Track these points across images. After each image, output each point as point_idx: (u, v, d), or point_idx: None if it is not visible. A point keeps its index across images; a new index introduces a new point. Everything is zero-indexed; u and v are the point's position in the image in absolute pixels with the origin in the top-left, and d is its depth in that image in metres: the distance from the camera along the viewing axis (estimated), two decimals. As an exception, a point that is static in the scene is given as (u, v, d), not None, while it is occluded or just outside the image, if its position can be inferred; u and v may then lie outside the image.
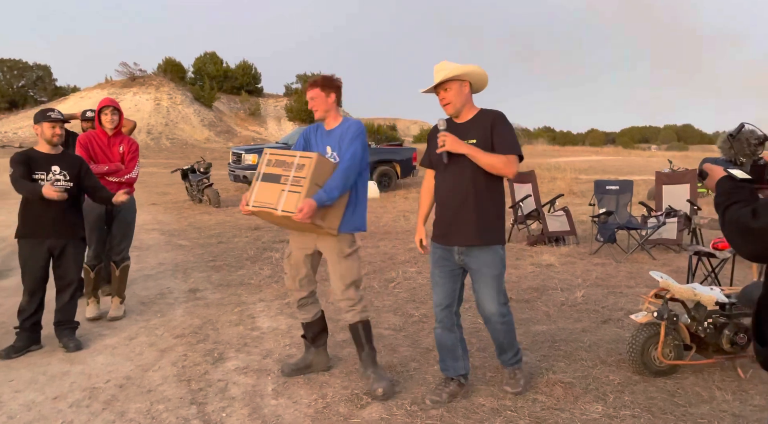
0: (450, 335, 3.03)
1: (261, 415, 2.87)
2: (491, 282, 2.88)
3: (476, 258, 2.86)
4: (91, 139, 4.36)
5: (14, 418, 2.83)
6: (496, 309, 2.91)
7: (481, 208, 2.83)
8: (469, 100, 2.90)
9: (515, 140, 2.81)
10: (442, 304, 3.00)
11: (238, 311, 4.57)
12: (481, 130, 2.81)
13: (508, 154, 2.75)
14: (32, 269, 3.63)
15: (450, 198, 2.89)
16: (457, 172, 2.84)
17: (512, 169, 2.77)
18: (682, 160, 25.22)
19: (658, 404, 2.97)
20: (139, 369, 3.43)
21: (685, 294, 3.35)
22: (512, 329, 3.06)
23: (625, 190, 7.63)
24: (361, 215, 3.19)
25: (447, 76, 2.79)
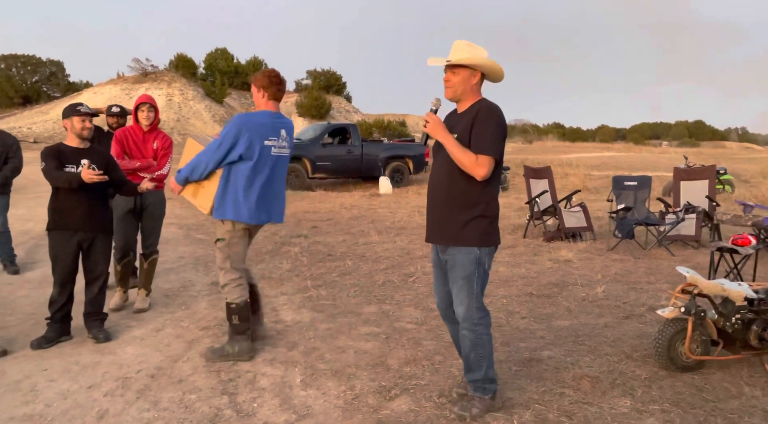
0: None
1: (291, 405, 2.90)
2: (461, 283, 2.68)
3: (451, 257, 2.70)
4: (126, 135, 4.42)
5: (51, 406, 2.88)
6: (464, 313, 2.69)
7: (455, 205, 2.64)
8: (475, 90, 2.68)
9: (494, 140, 2.54)
10: (441, 306, 2.93)
11: (261, 304, 4.61)
12: (465, 121, 2.61)
13: (480, 154, 2.52)
14: (63, 261, 3.68)
15: (432, 192, 2.78)
16: (439, 165, 2.71)
17: (481, 172, 2.52)
18: (696, 156, 25.05)
19: (686, 399, 2.98)
20: (168, 360, 3.48)
21: (714, 289, 3.35)
22: (483, 346, 2.72)
23: (643, 186, 7.59)
24: (233, 205, 3.29)
25: (460, 61, 2.59)
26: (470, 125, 2.57)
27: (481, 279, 2.69)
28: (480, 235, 2.64)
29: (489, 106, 2.61)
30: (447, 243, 2.70)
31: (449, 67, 2.64)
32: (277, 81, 3.45)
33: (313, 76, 46.75)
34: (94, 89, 40.06)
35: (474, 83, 2.66)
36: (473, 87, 2.67)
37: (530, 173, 8.50)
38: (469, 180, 2.60)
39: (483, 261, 2.67)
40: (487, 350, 2.74)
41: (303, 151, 13.68)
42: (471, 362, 2.76)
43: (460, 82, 2.64)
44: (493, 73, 2.69)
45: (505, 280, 5.40)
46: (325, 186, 13.88)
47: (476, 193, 2.63)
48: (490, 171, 2.55)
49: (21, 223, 8.07)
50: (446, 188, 2.66)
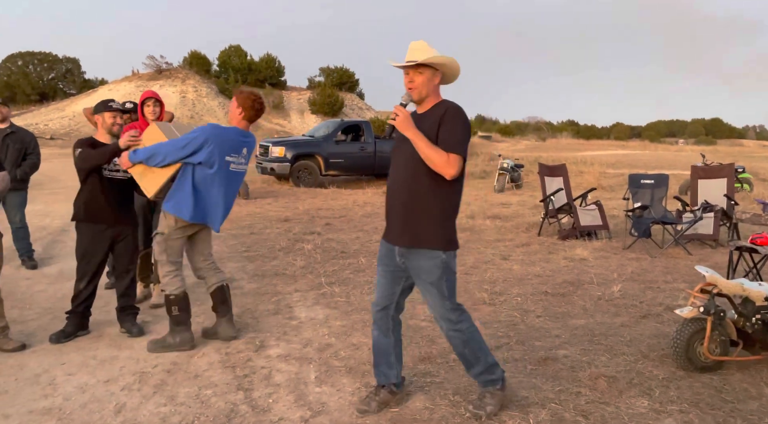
0: (384, 339, 2.81)
1: (306, 402, 2.91)
2: (430, 289, 2.61)
3: (413, 261, 2.61)
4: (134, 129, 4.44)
5: (70, 399, 2.91)
6: (441, 316, 2.66)
7: (418, 204, 2.56)
8: (436, 91, 2.64)
9: (462, 139, 2.51)
10: (379, 305, 2.79)
11: (275, 301, 4.63)
12: (430, 122, 2.55)
13: (450, 153, 2.47)
14: (95, 255, 3.71)
15: (395, 190, 2.65)
16: (405, 160, 2.59)
17: (451, 170, 2.46)
18: (713, 154, 24.70)
19: (705, 399, 2.94)
20: (184, 355, 3.50)
21: (734, 289, 3.30)
22: (473, 339, 2.70)
23: (660, 184, 7.50)
24: (182, 203, 3.43)
25: (422, 60, 2.53)
26: (437, 125, 2.51)
27: (449, 281, 2.63)
28: (446, 238, 2.59)
29: (455, 107, 2.57)
30: (411, 245, 2.59)
31: (413, 68, 2.57)
32: (258, 107, 3.60)
33: (326, 73, 46.79)
34: (109, 86, 40.44)
35: (436, 83, 2.62)
36: (435, 87, 2.63)
37: (545, 171, 8.44)
38: (434, 180, 2.52)
39: (449, 264, 2.61)
40: (478, 342, 2.72)
41: (316, 148, 13.71)
42: (468, 358, 2.72)
43: (424, 82, 2.58)
44: (452, 73, 2.66)
45: (520, 278, 5.37)
46: (337, 183, 13.89)
47: (441, 193, 2.56)
48: (460, 170, 2.50)
49: (38, 218, 8.17)
50: (409, 187, 2.57)
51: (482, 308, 4.46)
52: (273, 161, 13.27)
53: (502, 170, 13.49)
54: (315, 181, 13.45)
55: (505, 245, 6.94)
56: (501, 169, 13.54)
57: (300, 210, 9.61)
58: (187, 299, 3.64)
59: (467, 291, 4.91)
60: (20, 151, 5.44)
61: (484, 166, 18.86)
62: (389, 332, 2.81)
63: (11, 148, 5.38)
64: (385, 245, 2.73)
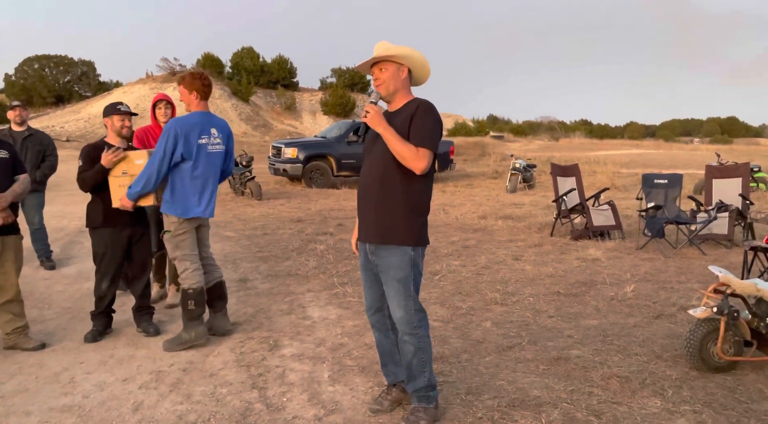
0: (386, 339, 2.83)
1: (320, 400, 2.95)
2: (397, 286, 2.59)
3: (383, 258, 2.61)
4: (147, 132, 4.53)
5: (89, 397, 2.98)
6: (402, 316, 2.62)
7: (389, 201, 2.57)
8: (405, 87, 2.64)
9: (433, 134, 2.52)
10: (372, 308, 2.82)
11: (289, 301, 4.68)
12: (403, 118, 2.56)
13: (419, 147, 2.48)
14: (114, 257, 3.79)
15: (364, 187, 2.67)
16: (377, 158, 2.60)
17: (421, 165, 2.47)
18: (728, 153, 24.38)
19: (718, 399, 2.93)
20: (200, 354, 3.55)
21: (747, 289, 3.28)
22: (424, 350, 2.67)
23: (674, 184, 7.45)
24: (180, 202, 3.57)
25: (383, 54, 2.57)
26: (408, 121, 2.53)
27: (416, 280, 2.64)
28: (415, 234, 2.59)
29: (427, 103, 2.58)
30: (380, 241, 2.60)
31: (376, 65, 2.61)
32: (206, 82, 3.70)
33: (338, 75, 46.94)
34: (123, 89, 40.93)
35: (403, 78, 2.62)
36: (403, 82, 2.62)
37: (557, 171, 8.41)
38: (405, 176, 2.54)
39: (417, 261, 2.62)
40: (428, 355, 2.69)
41: (328, 149, 13.77)
42: (414, 369, 2.67)
43: (390, 77, 2.59)
44: (418, 64, 2.64)
45: (532, 278, 5.36)
46: (349, 184, 13.94)
47: (412, 190, 2.58)
48: (429, 164, 2.51)
49: (56, 220, 8.31)
50: (381, 184, 2.58)
51: (494, 308, 4.47)
52: (285, 162, 13.36)
53: (514, 170, 13.45)
54: (327, 181, 13.52)
55: (517, 245, 6.93)
56: (513, 169, 13.50)
57: (312, 211, 9.67)
58: (204, 294, 3.70)
59: (479, 291, 4.92)
60: (39, 154, 5.55)
61: (495, 166, 18.83)
62: (389, 332, 2.82)
63: (30, 150, 5.49)
64: (360, 245, 2.75)
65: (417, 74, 2.68)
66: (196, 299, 3.62)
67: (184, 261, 3.64)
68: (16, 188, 3.54)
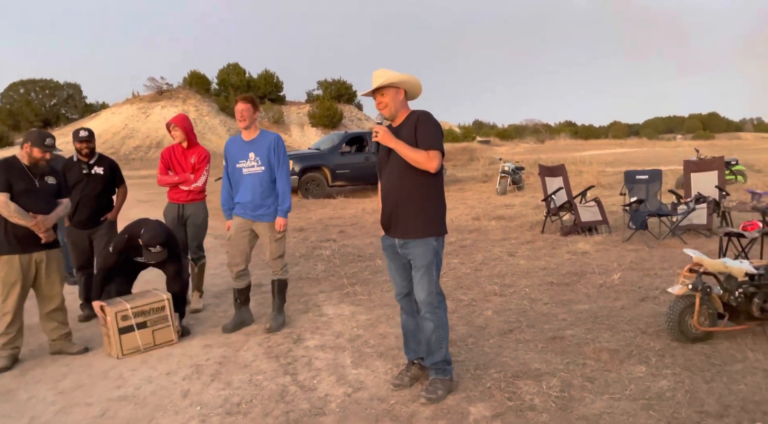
0: (411, 320, 3.23)
1: (347, 381, 3.33)
2: (423, 272, 3.00)
3: (412, 249, 3.01)
4: (170, 152, 4.92)
5: (140, 389, 3.34)
6: (425, 298, 3.02)
7: (412, 202, 2.98)
8: (404, 105, 3.08)
9: (437, 137, 2.94)
10: (401, 293, 3.20)
11: (304, 301, 5.05)
12: (408, 129, 2.98)
13: (429, 150, 2.89)
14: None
15: (387, 193, 3.07)
16: (393, 168, 3.02)
17: (433, 164, 2.88)
18: (709, 148, 25.13)
19: (696, 364, 3.35)
20: (231, 349, 3.92)
21: (717, 267, 3.71)
22: (443, 327, 3.08)
23: (654, 179, 7.92)
24: (282, 205, 4.26)
25: (383, 83, 2.98)
26: (413, 130, 2.95)
27: (438, 266, 3.06)
28: (436, 226, 3.02)
29: (425, 112, 3.02)
30: (407, 236, 3.01)
31: (377, 91, 3.03)
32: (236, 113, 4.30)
33: (324, 87, 47.46)
34: (111, 110, 41.06)
35: (401, 99, 3.05)
36: (402, 102, 3.06)
37: (545, 172, 8.86)
38: (422, 179, 2.96)
39: (438, 250, 3.05)
40: (446, 332, 3.10)
41: (323, 160, 14.16)
42: (432, 345, 3.08)
43: (391, 100, 3.01)
44: (412, 86, 3.07)
45: (527, 271, 5.78)
46: (344, 193, 14.32)
47: (427, 190, 3.00)
48: (440, 163, 2.93)
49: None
50: (402, 188, 2.99)
51: (494, 299, 4.87)
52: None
53: (503, 173, 13.91)
54: (323, 192, 13.89)
55: (510, 242, 7.35)
56: (502, 172, 13.96)
57: (313, 220, 10.05)
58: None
59: (479, 285, 5.32)
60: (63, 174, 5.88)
61: (485, 170, 19.30)
62: (414, 314, 3.22)
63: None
64: (387, 239, 3.15)
65: (411, 93, 3.14)
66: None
67: (282, 258, 4.40)
68: (59, 211, 3.90)
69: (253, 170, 4.20)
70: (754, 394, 2.94)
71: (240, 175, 4.25)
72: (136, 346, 3.89)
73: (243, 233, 4.30)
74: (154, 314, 3.98)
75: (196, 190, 4.95)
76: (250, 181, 4.20)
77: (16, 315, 3.76)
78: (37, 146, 3.76)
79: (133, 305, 3.92)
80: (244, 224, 4.28)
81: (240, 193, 4.26)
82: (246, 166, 4.22)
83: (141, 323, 3.92)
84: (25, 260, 3.76)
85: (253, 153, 4.20)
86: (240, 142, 4.28)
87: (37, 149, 3.77)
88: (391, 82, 3.00)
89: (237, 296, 4.41)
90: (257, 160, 4.19)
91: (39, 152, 3.77)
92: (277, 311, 4.39)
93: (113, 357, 3.85)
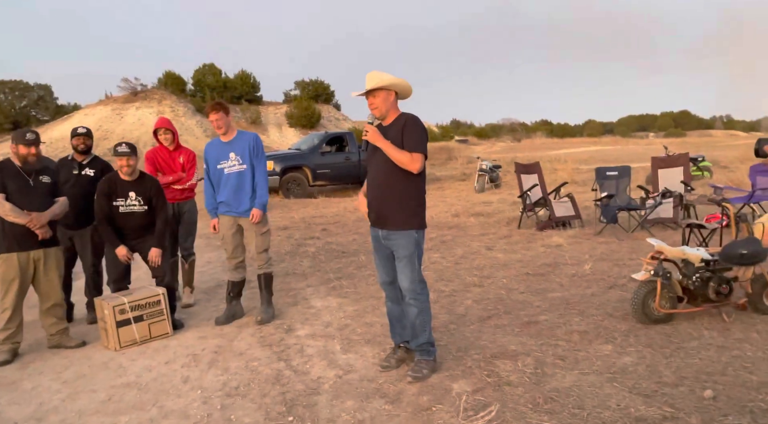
0: (396, 306, 3.46)
1: (337, 365, 3.56)
2: (405, 261, 3.23)
3: (394, 241, 3.25)
4: (155, 154, 5.09)
5: (141, 376, 3.52)
6: (408, 285, 3.25)
7: (395, 197, 3.21)
8: (394, 106, 3.28)
9: (421, 140, 3.17)
10: (386, 281, 3.44)
11: (292, 295, 5.26)
12: (395, 131, 3.20)
13: (413, 152, 3.13)
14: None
15: (373, 187, 3.31)
16: (379, 165, 3.25)
17: (416, 165, 3.12)
18: (681, 146, 25.87)
19: (657, 342, 3.66)
20: (225, 340, 4.12)
21: (676, 254, 4.04)
22: (425, 312, 3.32)
23: (623, 175, 8.30)
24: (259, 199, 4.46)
25: (375, 85, 3.19)
26: (401, 133, 3.17)
27: (419, 256, 3.30)
28: (418, 220, 3.26)
29: (413, 117, 3.26)
30: (391, 228, 3.24)
31: (369, 93, 3.24)
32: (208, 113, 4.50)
33: (302, 87, 47.44)
34: (85, 111, 40.42)
35: (392, 101, 3.26)
36: (392, 103, 3.27)
37: (521, 169, 9.19)
38: (405, 177, 3.20)
39: (420, 242, 3.29)
40: (429, 316, 3.36)
41: (303, 160, 14.34)
42: (417, 328, 3.32)
43: (382, 102, 3.23)
44: (403, 89, 3.29)
45: (504, 264, 6.07)
46: (325, 193, 14.52)
47: (410, 187, 3.24)
48: (423, 165, 3.18)
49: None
50: (386, 185, 3.22)
51: (473, 290, 5.15)
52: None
53: (481, 172, 14.26)
54: (304, 192, 14.07)
55: (489, 237, 7.65)
56: (480, 170, 14.31)
57: (296, 219, 10.23)
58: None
59: (459, 277, 5.60)
60: None
61: (463, 168, 19.66)
62: (398, 301, 3.46)
63: None
64: (374, 230, 3.38)
65: (402, 94, 3.37)
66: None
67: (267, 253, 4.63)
68: (54, 209, 4.05)
69: (234, 169, 4.41)
70: (707, 366, 3.25)
71: (221, 174, 4.45)
72: (133, 338, 4.06)
73: (231, 229, 4.51)
74: (150, 308, 4.16)
75: (191, 188, 5.13)
76: (231, 180, 4.41)
77: (15, 311, 3.90)
78: (21, 143, 3.91)
79: (130, 299, 4.09)
80: (230, 220, 4.49)
81: (223, 192, 4.46)
82: (227, 166, 4.42)
83: (137, 316, 4.09)
84: (24, 258, 3.91)
85: (233, 153, 4.41)
86: (219, 144, 4.49)
87: (22, 146, 3.92)
88: (383, 85, 3.21)
89: (231, 288, 4.60)
90: (238, 159, 4.40)
91: (24, 148, 3.92)
92: (266, 304, 4.59)
93: (110, 350, 4.02)
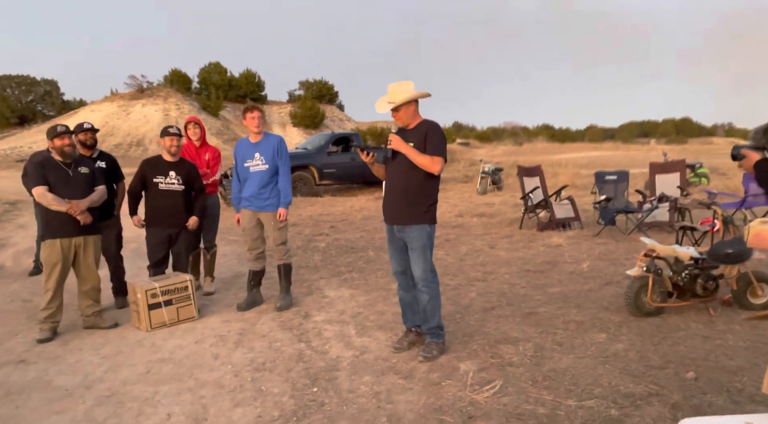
0: (408, 294, 3.80)
1: (354, 346, 3.88)
2: (419, 252, 3.57)
3: (408, 234, 3.58)
4: (183, 150, 5.40)
5: (174, 353, 3.85)
6: (421, 274, 3.60)
7: (412, 195, 3.55)
8: (416, 113, 3.63)
9: (442, 146, 3.53)
10: (398, 271, 3.78)
11: (306, 285, 5.59)
12: (418, 136, 3.53)
13: (434, 156, 3.48)
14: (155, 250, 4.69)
15: (392, 186, 3.65)
16: (398, 167, 3.59)
17: (436, 168, 3.48)
18: (680, 152, 26.20)
19: (647, 331, 3.98)
20: (247, 324, 4.44)
21: (667, 252, 4.36)
22: (436, 298, 3.66)
23: (622, 179, 8.63)
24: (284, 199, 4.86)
25: (401, 102, 3.52)
26: (423, 138, 3.52)
27: (430, 248, 3.64)
28: (430, 216, 3.61)
29: (434, 124, 3.61)
30: (406, 223, 3.59)
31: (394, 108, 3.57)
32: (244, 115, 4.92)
33: (306, 87, 47.82)
34: (91, 107, 40.73)
35: (413, 109, 3.61)
36: (414, 111, 3.63)
37: (523, 172, 9.51)
38: (423, 179, 3.54)
39: (431, 235, 3.63)
40: (439, 302, 3.70)
41: (310, 159, 14.66)
42: (428, 313, 3.65)
43: (405, 113, 3.59)
44: (422, 98, 3.65)
45: (506, 261, 6.39)
46: (331, 192, 14.84)
47: (427, 187, 3.58)
48: (442, 167, 3.52)
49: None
50: (406, 184, 3.57)
51: (477, 284, 5.47)
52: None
53: (484, 174, 14.58)
54: (310, 191, 14.39)
55: (491, 237, 7.98)
56: (483, 172, 14.63)
57: (304, 216, 10.56)
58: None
59: (463, 272, 5.92)
60: None
61: (465, 171, 19.98)
62: (410, 288, 3.80)
63: None
64: (387, 226, 3.73)
65: (421, 101, 3.71)
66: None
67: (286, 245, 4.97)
68: (93, 197, 4.37)
69: (258, 168, 4.76)
70: (691, 353, 3.58)
71: (247, 172, 4.81)
72: (163, 321, 4.39)
73: (252, 222, 4.86)
74: (179, 293, 4.48)
75: (214, 183, 5.47)
76: (255, 177, 4.77)
77: (56, 293, 4.23)
78: (55, 137, 4.24)
79: (161, 284, 4.41)
80: (251, 214, 4.84)
81: (246, 188, 4.82)
82: (252, 165, 4.78)
83: (167, 300, 4.42)
84: (66, 243, 4.23)
85: (258, 153, 4.79)
86: (247, 143, 4.88)
87: (56, 139, 4.24)
88: (409, 99, 3.55)
89: (251, 277, 4.92)
90: (262, 159, 4.77)
91: (59, 141, 4.25)
92: (284, 292, 4.92)
93: (142, 330, 4.34)
